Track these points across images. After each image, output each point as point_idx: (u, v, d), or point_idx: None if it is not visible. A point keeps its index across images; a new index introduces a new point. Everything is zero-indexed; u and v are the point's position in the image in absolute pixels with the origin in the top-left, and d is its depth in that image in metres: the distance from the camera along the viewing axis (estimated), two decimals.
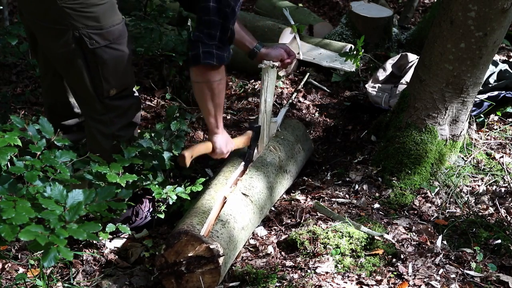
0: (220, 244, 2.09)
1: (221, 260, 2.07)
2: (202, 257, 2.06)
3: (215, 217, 2.23)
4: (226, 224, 2.21)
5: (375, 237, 2.30)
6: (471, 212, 2.56)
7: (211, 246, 2.05)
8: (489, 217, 2.53)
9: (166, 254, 2.08)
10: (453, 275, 2.15)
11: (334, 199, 2.64)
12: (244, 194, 2.38)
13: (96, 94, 2.25)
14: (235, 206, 2.31)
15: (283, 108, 3.00)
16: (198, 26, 2.17)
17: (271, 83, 2.58)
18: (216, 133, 2.41)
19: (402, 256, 2.22)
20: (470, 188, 2.73)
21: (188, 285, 2.10)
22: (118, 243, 2.46)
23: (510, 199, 2.64)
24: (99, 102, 2.27)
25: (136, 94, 2.41)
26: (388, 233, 2.37)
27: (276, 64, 2.54)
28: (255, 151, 2.66)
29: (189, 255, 2.07)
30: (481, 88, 2.91)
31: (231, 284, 2.17)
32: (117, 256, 2.37)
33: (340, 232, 2.30)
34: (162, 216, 2.51)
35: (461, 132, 2.82)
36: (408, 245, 2.30)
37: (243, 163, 2.57)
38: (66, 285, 2.13)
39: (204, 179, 2.55)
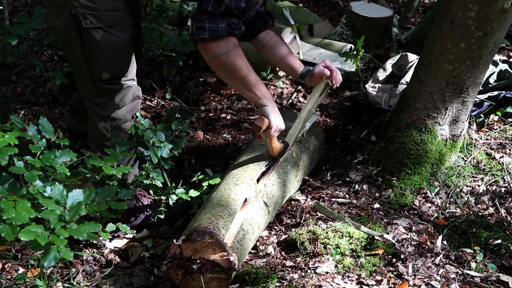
0: (237, 256, 2.08)
1: (233, 274, 2.06)
2: (218, 264, 2.04)
3: (238, 226, 2.20)
4: (246, 235, 2.21)
5: (375, 237, 2.30)
6: (471, 212, 2.56)
7: (231, 259, 2.03)
8: (489, 217, 2.53)
9: (183, 247, 2.04)
10: (453, 275, 2.15)
11: (334, 199, 2.64)
12: (265, 204, 2.37)
13: (90, 75, 2.31)
14: (256, 216, 2.31)
15: (314, 115, 2.94)
16: (197, 6, 2.19)
17: (321, 97, 2.61)
18: (263, 104, 2.28)
19: (402, 256, 2.22)
20: (470, 188, 2.73)
21: (192, 283, 2.08)
22: (118, 243, 2.46)
23: (510, 199, 2.64)
24: (92, 84, 2.34)
25: (134, 84, 2.44)
26: (388, 233, 2.37)
27: (328, 80, 2.55)
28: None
29: (206, 257, 2.04)
30: (481, 88, 2.91)
31: (230, 285, 2.17)
32: (117, 256, 2.37)
33: (340, 232, 2.30)
34: (162, 216, 2.51)
35: (461, 132, 2.82)
36: (408, 245, 2.30)
37: (266, 163, 2.50)
38: (66, 285, 2.13)
39: (220, 174, 2.52)
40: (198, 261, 2.05)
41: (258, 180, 2.43)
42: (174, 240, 2.07)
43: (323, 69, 2.53)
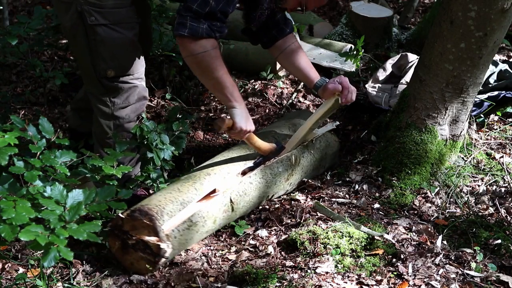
0: (173, 245, 2.12)
1: (162, 260, 2.12)
2: (150, 247, 2.10)
3: (187, 217, 2.20)
4: (193, 226, 2.22)
5: (375, 237, 2.30)
6: (471, 212, 2.56)
7: (162, 246, 2.09)
8: (489, 217, 2.53)
9: (125, 220, 2.12)
10: (453, 275, 2.15)
11: (334, 199, 2.64)
12: (231, 200, 2.37)
13: (95, 72, 2.34)
14: (214, 210, 2.31)
15: (330, 123, 2.92)
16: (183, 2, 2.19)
17: (329, 111, 2.63)
18: (232, 106, 2.30)
19: (402, 256, 2.22)
20: (470, 188, 2.73)
21: (126, 256, 2.17)
22: None
23: (510, 199, 2.64)
24: (98, 81, 2.36)
25: (141, 84, 2.44)
26: (388, 233, 2.37)
27: (338, 97, 2.57)
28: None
29: (140, 237, 2.10)
30: (481, 88, 2.91)
31: (229, 285, 2.16)
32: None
33: (340, 232, 2.30)
34: None
35: (461, 132, 2.82)
36: (408, 245, 2.30)
37: (253, 162, 2.51)
38: (66, 285, 2.13)
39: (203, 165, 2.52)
40: (134, 238, 2.11)
41: (244, 173, 2.45)
42: (120, 212, 2.13)
43: (337, 86, 2.55)
